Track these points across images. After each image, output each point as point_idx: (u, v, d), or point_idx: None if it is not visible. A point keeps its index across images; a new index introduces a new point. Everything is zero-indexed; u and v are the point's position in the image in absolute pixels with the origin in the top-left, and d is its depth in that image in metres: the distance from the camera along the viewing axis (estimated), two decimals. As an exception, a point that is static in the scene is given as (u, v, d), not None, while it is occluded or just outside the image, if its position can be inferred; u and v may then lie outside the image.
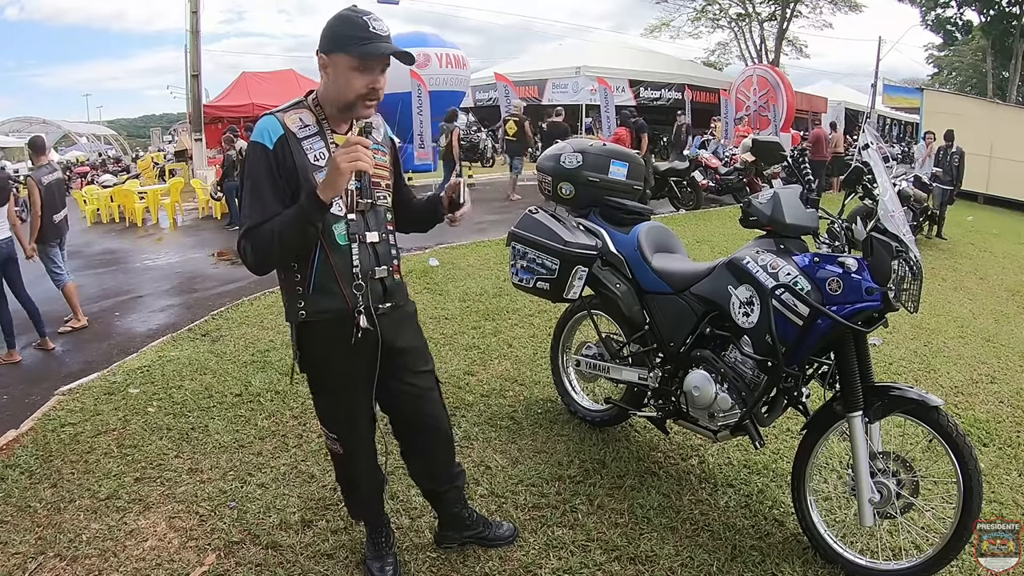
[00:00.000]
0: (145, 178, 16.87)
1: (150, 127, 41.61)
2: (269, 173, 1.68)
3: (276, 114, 1.74)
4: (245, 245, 1.69)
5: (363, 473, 2.05)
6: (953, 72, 35.14)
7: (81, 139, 31.78)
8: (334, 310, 1.78)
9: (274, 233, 1.65)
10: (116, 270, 7.71)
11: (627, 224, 2.82)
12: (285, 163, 1.69)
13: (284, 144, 1.69)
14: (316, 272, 1.76)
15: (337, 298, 1.78)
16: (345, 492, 2.15)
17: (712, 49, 34.72)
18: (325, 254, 1.75)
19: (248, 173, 1.71)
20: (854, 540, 2.22)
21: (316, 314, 1.79)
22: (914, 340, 4.51)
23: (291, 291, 1.81)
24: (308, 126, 1.75)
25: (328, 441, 2.00)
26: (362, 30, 1.65)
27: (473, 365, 3.82)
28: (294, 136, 1.71)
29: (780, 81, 17.30)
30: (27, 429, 3.16)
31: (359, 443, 1.99)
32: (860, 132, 4.19)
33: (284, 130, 1.70)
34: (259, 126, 1.72)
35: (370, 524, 2.15)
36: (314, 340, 1.84)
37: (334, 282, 1.77)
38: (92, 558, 2.21)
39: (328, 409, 1.95)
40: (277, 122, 1.71)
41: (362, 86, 1.68)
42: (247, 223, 1.68)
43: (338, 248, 1.76)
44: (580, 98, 18.98)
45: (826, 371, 2.22)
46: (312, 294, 1.78)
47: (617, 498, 2.53)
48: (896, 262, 1.99)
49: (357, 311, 1.78)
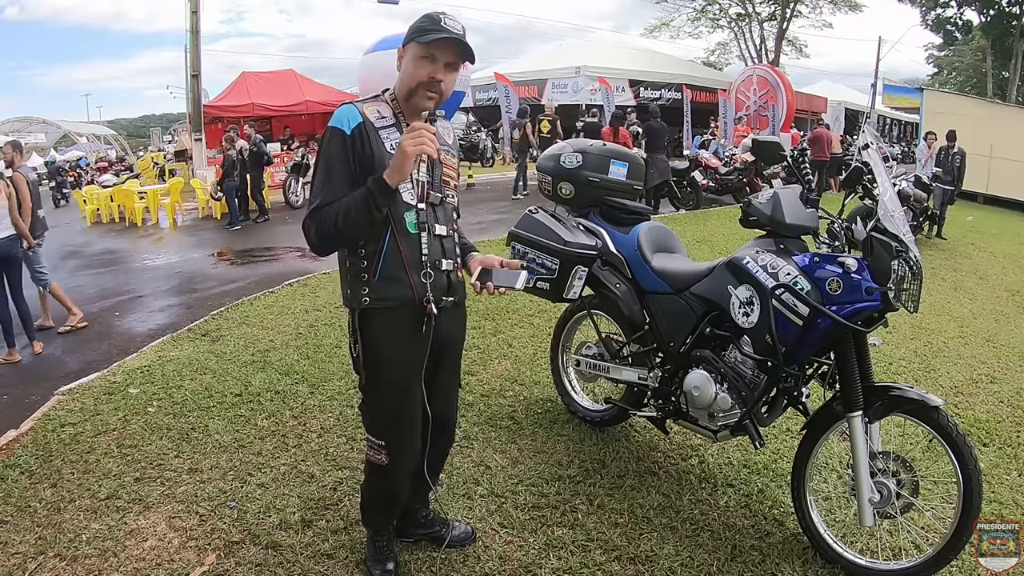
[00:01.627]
0: (145, 178, 16.89)
1: (150, 127, 41.67)
2: (344, 158, 1.72)
3: (356, 104, 1.80)
4: (310, 225, 1.72)
5: (402, 486, 1.98)
6: (953, 72, 35.13)
7: (81, 139, 31.80)
8: (400, 298, 1.79)
9: (339, 213, 1.68)
10: (116, 270, 7.71)
11: (627, 224, 2.82)
12: (363, 150, 1.73)
13: (362, 131, 1.74)
14: (384, 258, 1.77)
15: (404, 286, 1.78)
16: (374, 505, 2.06)
17: (712, 49, 34.75)
18: (395, 241, 1.77)
19: (323, 156, 1.75)
20: (854, 540, 2.22)
21: (380, 300, 1.79)
22: (914, 340, 4.51)
23: (356, 276, 1.81)
24: (385, 117, 1.80)
25: (370, 452, 1.92)
26: (434, 24, 1.74)
27: (473, 365, 3.82)
28: (372, 125, 1.76)
29: (780, 81, 17.31)
30: (27, 429, 3.16)
31: (405, 452, 1.92)
32: (860, 132, 4.18)
33: (362, 118, 1.75)
34: (338, 113, 1.76)
35: (378, 529, 2.11)
36: (375, 328, 1.82)
37: (402, 270, 1.78)
38: (92, 558, 2.21)
39: (379, 409, 1.89)
40: (356, 110, 1.76)
41: (424, 74, 1.74)
42: (315, 203, 1.72)
43: (408, 236, 1.78)
44: (580, 98, 18.97)
45: (826, 371, 2.23)
46: (379, 281, 1.78)
47: (617, 498, 2.53)
48: (896, 262, 1.99)
49: (426, 300, 1.77)
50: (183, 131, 18.89)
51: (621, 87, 19.26)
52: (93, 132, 34.44)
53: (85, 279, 7.17)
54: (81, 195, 12.50)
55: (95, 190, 12.61)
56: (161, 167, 17.85)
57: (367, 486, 2.07)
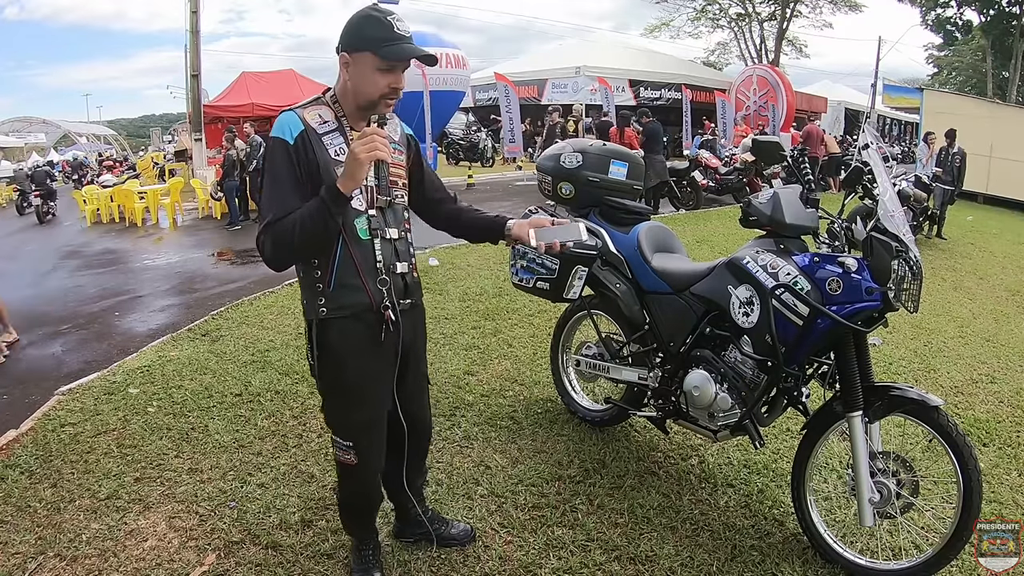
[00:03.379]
0: (145, 178, 16.89)
1: (150, 127, 41.69)
2: (289, 168, 1.68)
3: (296, 110, 1.74)
4: (264, 240, 1.67)
5: (374, 486, 1.99)
6: (953, 72, 35.12)
7: (81, 139, 31.81)
8: (357, 305, 1.76)
9: (295, 226, 1.63)
10: (116, 270, 7.70)
11: (627, 224, 2.82)
12: (306, 158, 1.68)
13: (305, 139, 1.69)
14: (338, 267, 1.74)
15: (360, 292, 1.75)
16: (348, 507, 2.05)
17: (712, 49, 34.77)
18: (347, 249, 1.73)
19: (268, 169, 1.71)
20: (854, 540, 2.22)
21: (338, 310, 1.76)
22: (914, 340, 4.51)
23: (310, 287, 1.78)
24: (328, 122, 1.75)
25: (339, 452, 1.89)
26: (388, 31, 1.65)
27: (473, 365, 3.82)
28: (314, 132, 1.71)
29: (780, 81, 17.36)
30: (27, 429, 3.16)
31: (373, 452, 1.91)
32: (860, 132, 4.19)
33: (304, 125, 1.70)
34: (279, 122, 1.72)
35: (362, 538, 2.10)
36: (334, 338, 1.79)
37: (357, 276, 1.75)
38: (92, 558, 2.21)
39: (343, 415, 1.88)
40: (297, 117, 1.71)
41: (385, 86, 1.69)
42: (267, 217, 1.67)
43: (360, 242, 1.75)
44: (580, 98, 18.98)
45: (826, 371, 2.22)
46: (334, 290, 1.75)
47: (617, 498, 2.53)
48: (896, 262, 1.99)
49: (383, 306, 1.76)
50: (183, 131, 18.91)
51: (621, 87, 19.27)
52: (93, 132, 34.47)
53: (85, 279, 7.17)
54: (81, 195, 12.49)
55: (95, 190, 12.60)
56: (161, 167, 17.87)
57: (340, 489, 2.05)
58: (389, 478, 2.08)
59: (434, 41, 15.46)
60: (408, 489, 2.11)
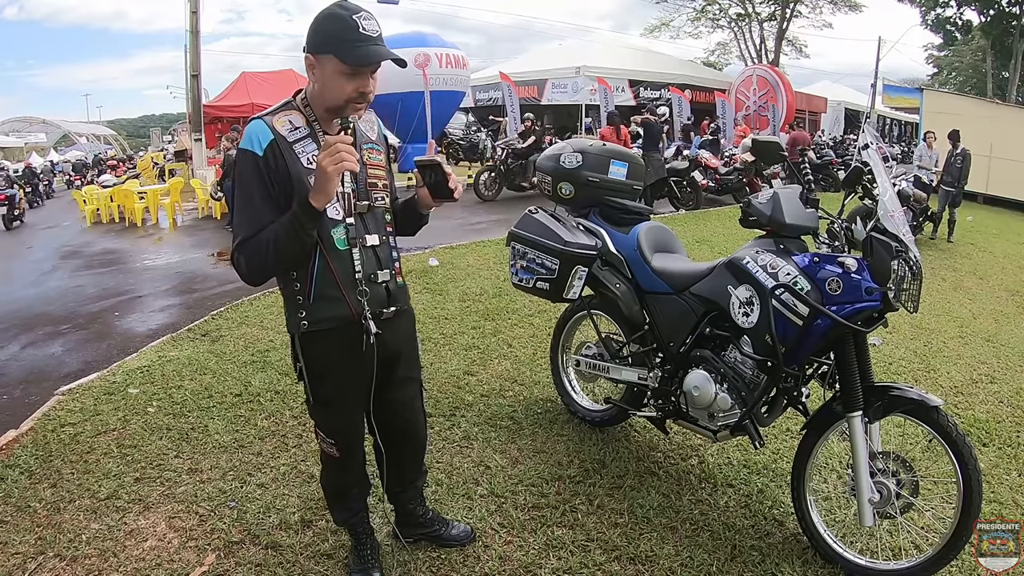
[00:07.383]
0: (145, 178, 16.89)
1: (150, 127, 41.66)
2: (260, 181, 1.62)
3: (264, 118, 1.67)
4: (239, 257, 1.64)
5: (355, 477, 2.02)
6: (953, 72, 35.14)
7: (81, 139, 31.81)
8: (338, 318, 1.73)
9: (268, 243, 1.60)
10: (116, 270, 7.70)
11: (627, 224, 2.82)
12: (277, 169, 1.62)
13: (274, 149, 1.62)
14: (317, 279, 1.71)
15: (341, 304, 1.72)
16: (332, 497, 2.09)
17: (712, 49, 34.77)
18: (325, 260, 1.69)
19: (239, 182, 1.65)
20: (854, 540, 2.22)
21: (319, 323, 1.73)
22: (914, 340, 4.51)
23: (291, 301, 1.75)
24: (298, 128, 1.68)
25: (324, 444, 1.93)
26: (352, 32, 1.56)
27: (473, 365, 3.82)
28: (284, 140, 1.64)
29: (780, 81, 17.35)
30: (27, 429, 3.16)
31: (355, 448, 1.96)
32: (860, 132, 4.19)
33: (273, 135, 1.63)
34: (247, 132, 1.64)
35: (355, 531, 2.10)
36: (317, 351, 1.78)
37: (336, 288, 1.71)
38: (92, 558, 2.21)
39: (326, 419, 1.90)
40: (266, 127, 1.64)
41: (352, 91, 1.61)
42: (240, 235, 1.63)
43: (338, 253, 1.70)
44: (580, 98, 18.98)
45: (826, 371, 2.23)
46: (314, 303, 1.72)
47: (617, 498, 2.53)
48: (896, 262, 1.99)
49: (364, 318, 1.71)
50: (183, 131, 18.90)
51: (621, 87, 19.25)
52: (93, 132, 34.46)
53: (85, 279, 7.17)
54: (81, 195, 12.48)
55: (95, 190, 12.59)
56: (161, 167, 17.86)
57: (324, 477, 2.09)
58: (387, 480, 2.07)
59: (434, 41, 15.43)
60: (408, 489, 2.12)
